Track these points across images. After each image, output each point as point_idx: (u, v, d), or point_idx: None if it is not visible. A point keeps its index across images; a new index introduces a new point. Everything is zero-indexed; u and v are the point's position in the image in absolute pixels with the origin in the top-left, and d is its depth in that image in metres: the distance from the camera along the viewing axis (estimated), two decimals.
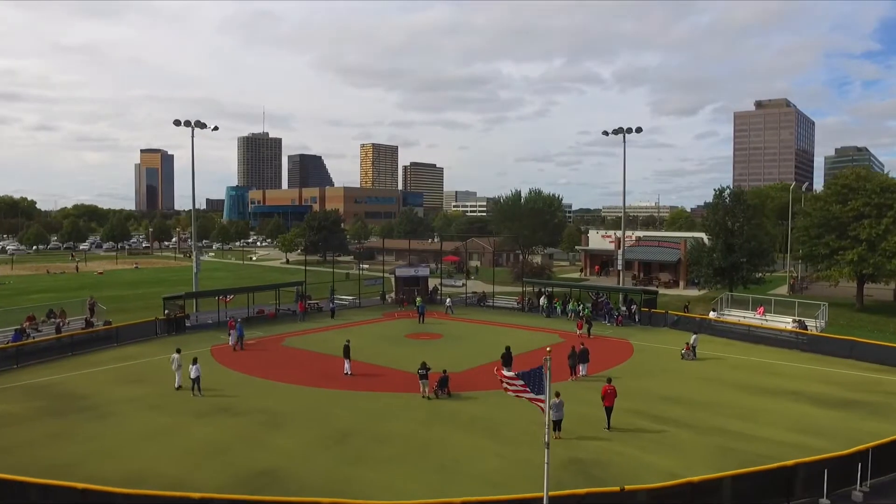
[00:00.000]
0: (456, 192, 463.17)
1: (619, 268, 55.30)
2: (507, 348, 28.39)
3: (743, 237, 52.90)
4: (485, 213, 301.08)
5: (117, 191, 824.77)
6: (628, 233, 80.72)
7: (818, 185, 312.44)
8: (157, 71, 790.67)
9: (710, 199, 60.30)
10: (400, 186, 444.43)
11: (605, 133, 52.81)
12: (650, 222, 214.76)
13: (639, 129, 51.37)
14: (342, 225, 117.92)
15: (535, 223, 69.95)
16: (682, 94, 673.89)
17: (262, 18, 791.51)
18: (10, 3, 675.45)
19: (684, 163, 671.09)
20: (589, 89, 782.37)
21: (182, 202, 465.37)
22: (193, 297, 45.41)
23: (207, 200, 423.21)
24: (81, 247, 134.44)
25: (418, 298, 48.91)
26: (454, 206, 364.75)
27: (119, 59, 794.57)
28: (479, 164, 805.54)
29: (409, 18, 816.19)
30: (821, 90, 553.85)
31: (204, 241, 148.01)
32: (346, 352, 29.11)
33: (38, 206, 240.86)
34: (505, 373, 27.48)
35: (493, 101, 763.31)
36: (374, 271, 71.40)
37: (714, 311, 43.63)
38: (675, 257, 66.85)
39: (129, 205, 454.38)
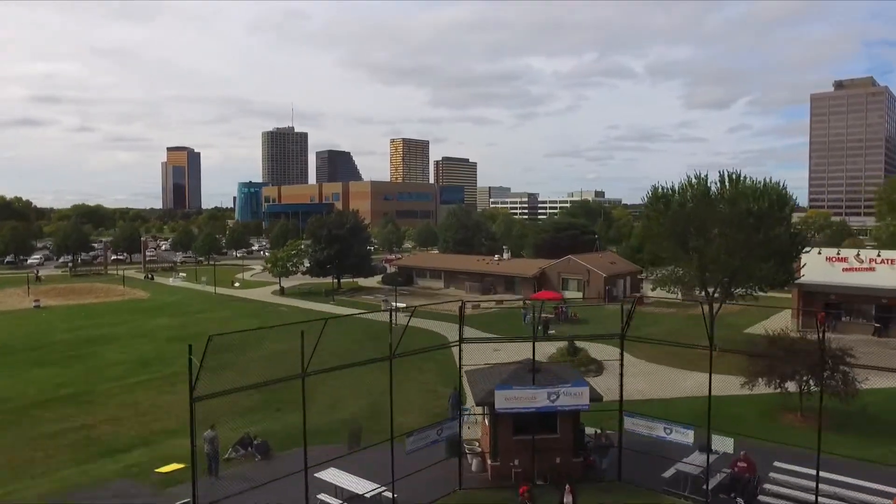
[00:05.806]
0: (489, 188, 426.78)
1: None
2: None
3: None
4: (526, 213, 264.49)
5: (149, 190, 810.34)
6: (856, 251, 44.91)
7: None
8: (187, 71, 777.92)
9: None
10: (432, 182, 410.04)
11: None
12: None
13: None
14: (366, 230, 78.53)
15: (748, 240, 33.63)
16: (715, 86, 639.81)
17: (291, 17, 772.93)
18: (48, 3, 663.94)
19: (717, 157, 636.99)
20: (621, 83, 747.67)
21: (210, 200, 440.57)
22: None
23: (234, 199, 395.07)
24: (29, 261, 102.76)
25: None
26: (492, 203, 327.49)
27: (150, 61, 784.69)
28: (506, 160, 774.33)
29: (436, 15, 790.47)
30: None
31: (186, 252, 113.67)
32: None
33: (53, 207, 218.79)
34: None
35: (523, 96, 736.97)
36: (423, 321, 36.92)
37: None
38: None
39: (157, 203, 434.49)
